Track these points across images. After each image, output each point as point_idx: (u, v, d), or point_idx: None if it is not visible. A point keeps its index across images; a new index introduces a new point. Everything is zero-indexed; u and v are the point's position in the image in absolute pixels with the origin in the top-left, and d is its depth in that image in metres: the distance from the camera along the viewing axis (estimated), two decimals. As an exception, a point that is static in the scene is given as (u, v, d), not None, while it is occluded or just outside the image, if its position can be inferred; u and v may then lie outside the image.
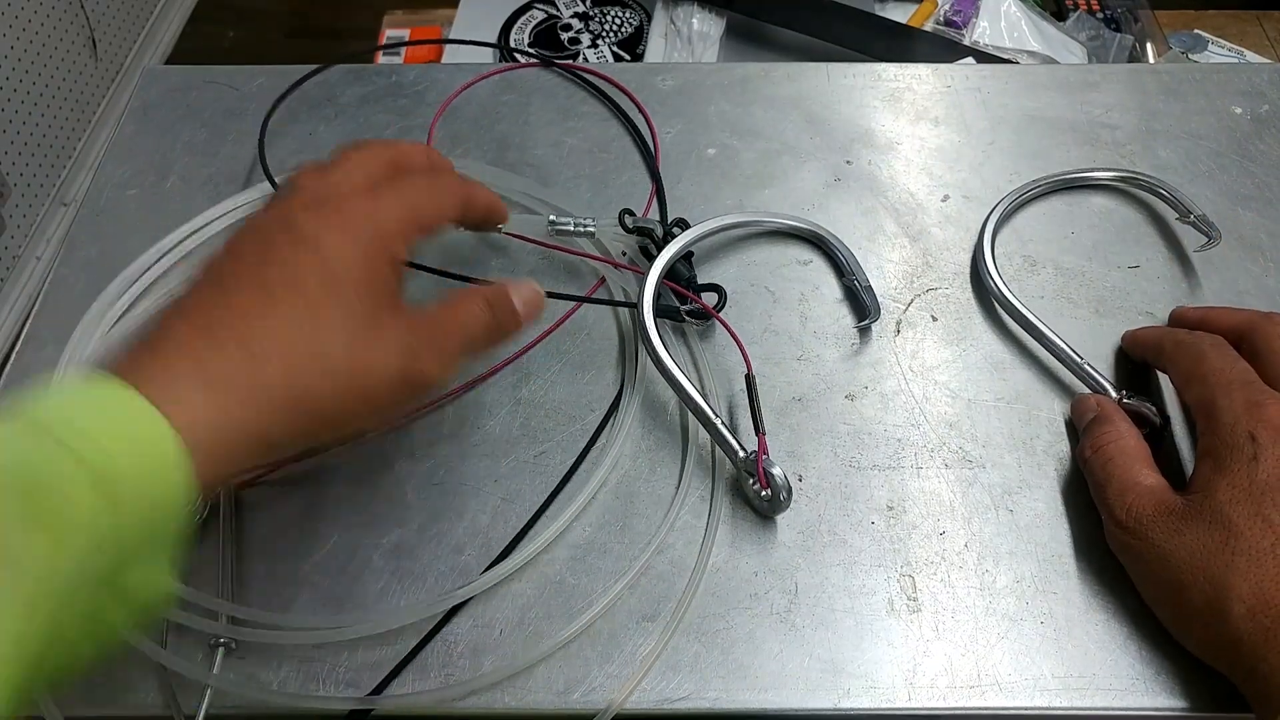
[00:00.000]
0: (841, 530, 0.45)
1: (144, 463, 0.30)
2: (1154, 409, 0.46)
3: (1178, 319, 0.51)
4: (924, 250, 0.56)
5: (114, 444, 0.29)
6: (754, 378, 0.47)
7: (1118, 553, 0.43)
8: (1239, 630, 0.36)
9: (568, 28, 1.17)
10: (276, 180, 0.56)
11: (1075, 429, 0.47)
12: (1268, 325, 0.44)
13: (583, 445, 0.48)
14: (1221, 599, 0.37)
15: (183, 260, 0.55)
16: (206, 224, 0.55)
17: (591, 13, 1.18)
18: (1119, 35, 1.10)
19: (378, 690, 0.41)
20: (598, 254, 0.54)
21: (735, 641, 0.42)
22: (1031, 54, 1.06)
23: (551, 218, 0.53)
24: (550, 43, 1.15)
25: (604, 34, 1.16)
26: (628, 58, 1.13)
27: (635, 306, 0.49)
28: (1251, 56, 1.16)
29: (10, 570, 0.27)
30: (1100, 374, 0.48)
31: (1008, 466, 0.47)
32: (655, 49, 1.09)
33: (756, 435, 0.45)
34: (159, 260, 0.54)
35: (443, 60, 1.07)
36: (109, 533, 0.29)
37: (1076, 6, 1.15)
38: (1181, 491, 0.41)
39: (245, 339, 0.33)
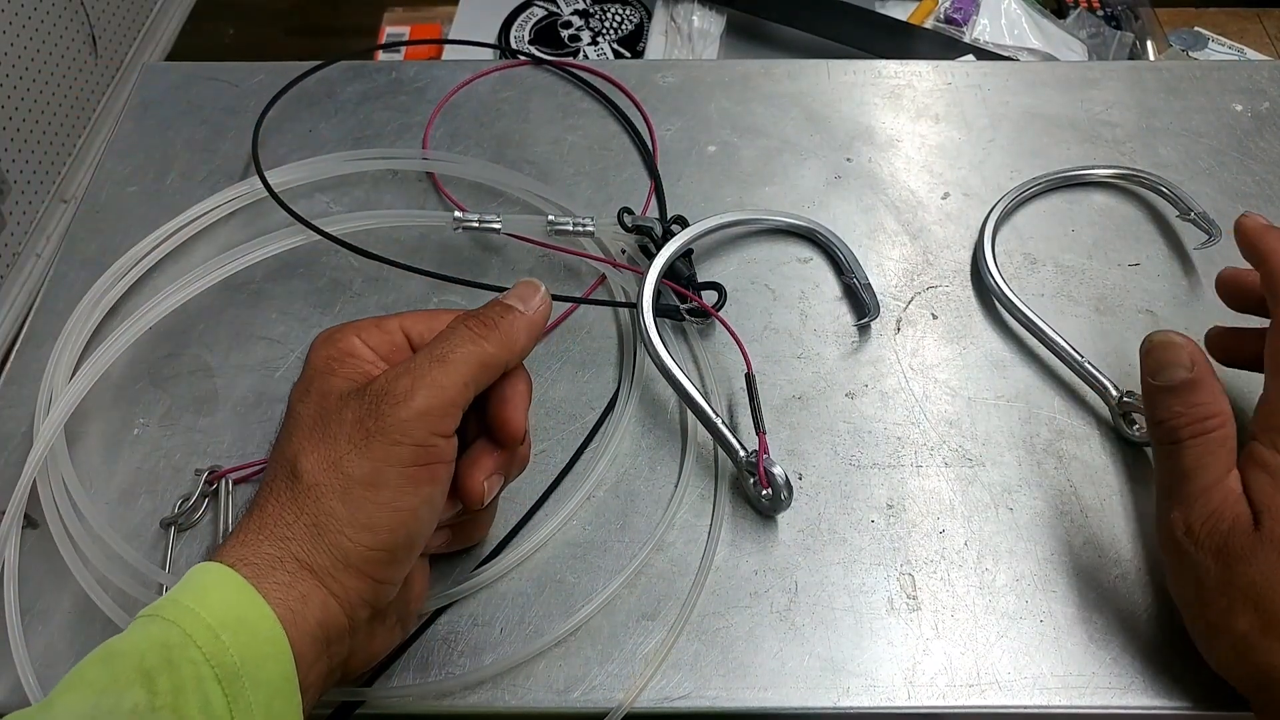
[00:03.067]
0: (841, 529, 0.45)
1: None
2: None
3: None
4: (924, 248, 0.56)
5: None
6: (754, 376, 0.47)
7: (1171, 554, 0.39)
8: (1278, 664, 0.35)
9: (568, 25, 1.17)
10: (269, 177, 0.56)
11: (1152, 376, 0.40)
12: None
13: (583, 443, 0.48)
14: (1268, 632, 0.36)
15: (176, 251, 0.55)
16: (200, 215, 0.55)
17: (592, 10, 1.18)
18: (1119, 33, 1.10)
19: (367, 683, 0.41)
20: (597, 254, 0.54)
21: (735, 640, 0.42)
22: (1032, 51, 1.06)
23: (550, 217, 0.53)
24: (551, 40, 1.15)
25: (604, 31, 1.15)
26: (628, 55, 1.13)
27: (634, 306, 0.49)
28: (1251, 54, 1.15)
29: None
30: (1100, 373, 0.48)
31: (1008, 465, 0.47)
32: (655, 46, 1.09)
33: (757, 434, 0.45)
34: (152, 250, 0.53)
35: (443, 58, 1.07)
36: None
37: (1077, 4, 1.15)
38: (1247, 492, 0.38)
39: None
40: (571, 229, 0.53)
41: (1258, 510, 0.37)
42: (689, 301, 0.51)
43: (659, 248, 0.51)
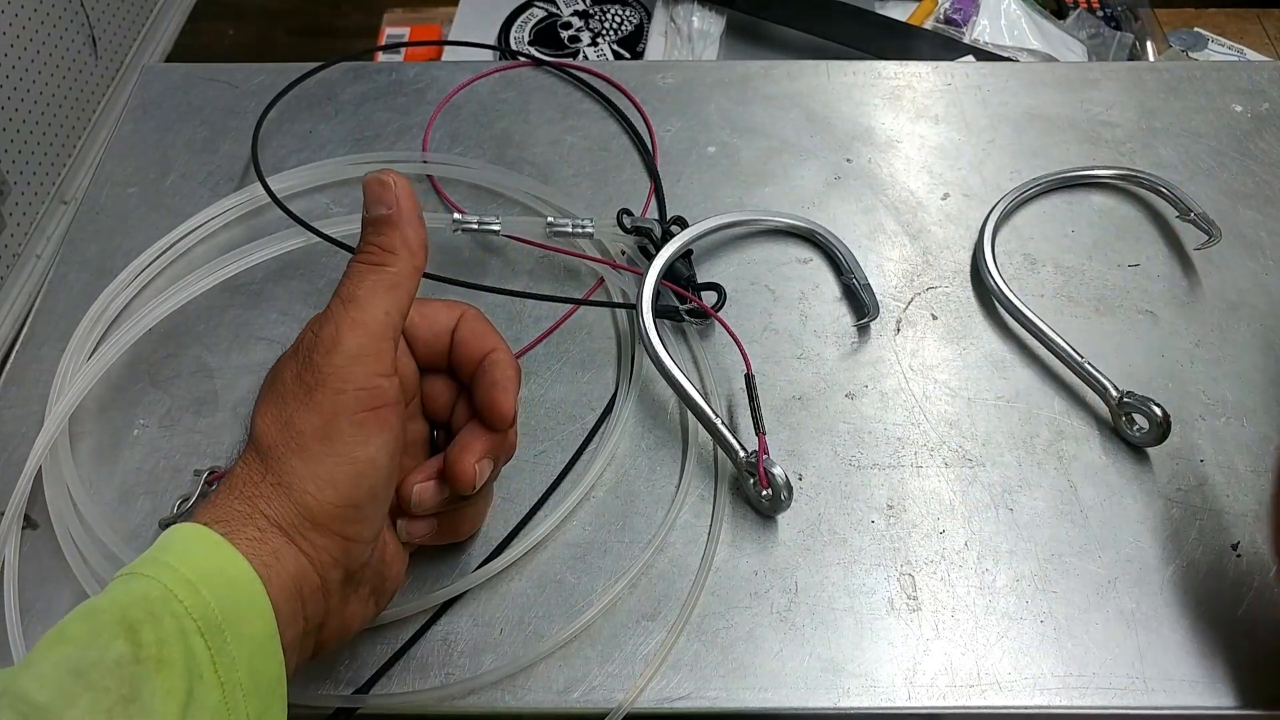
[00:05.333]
0: (842, 529, 0.45)
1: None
2: (1159, 409, 0.46)
3: None
4: (924, 248, 0.56)
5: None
6: (754, 377, 0.47)
7: None
8: None
9: (568, 25, 1.17)
10: (269, 181, 0.56)
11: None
12: None
13: (582, 443, 0.48)
14: None
15: (181, 258, 0.55)
16: (204, 223, 0.55)
17: (591, 11, 1.18)
18: (1119, 33, 1.10)
19: (365, 688, 0.41)
20: (596, 255, 0.54)
21: (735, 640, 0.42)
22: (1031, 52, 1.06)
23: (549, 219, 0.53)
24: (550, 40, 1.15)
25: (604, 32, 1.16)
26: (628, 56, 1.13)
27: (634, 308, 0.49)
28: (1251, 54, 1.15)
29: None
30: (1100, 373, 0.48)
31: (1008, 465, 0.47)
32: (655, 47, 1.09)
33: (757, 435, 0.45)
34: (157, 259, 0.54)
35: (443, 59, 1.07)
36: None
37: (1077, 4, 1.15)
38: None
39: None
40: (571, 230, 0.53)
41: None
42: (688, 302, 0.51)
43: (658, 249, 0.51)
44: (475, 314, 0.42)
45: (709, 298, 0.52)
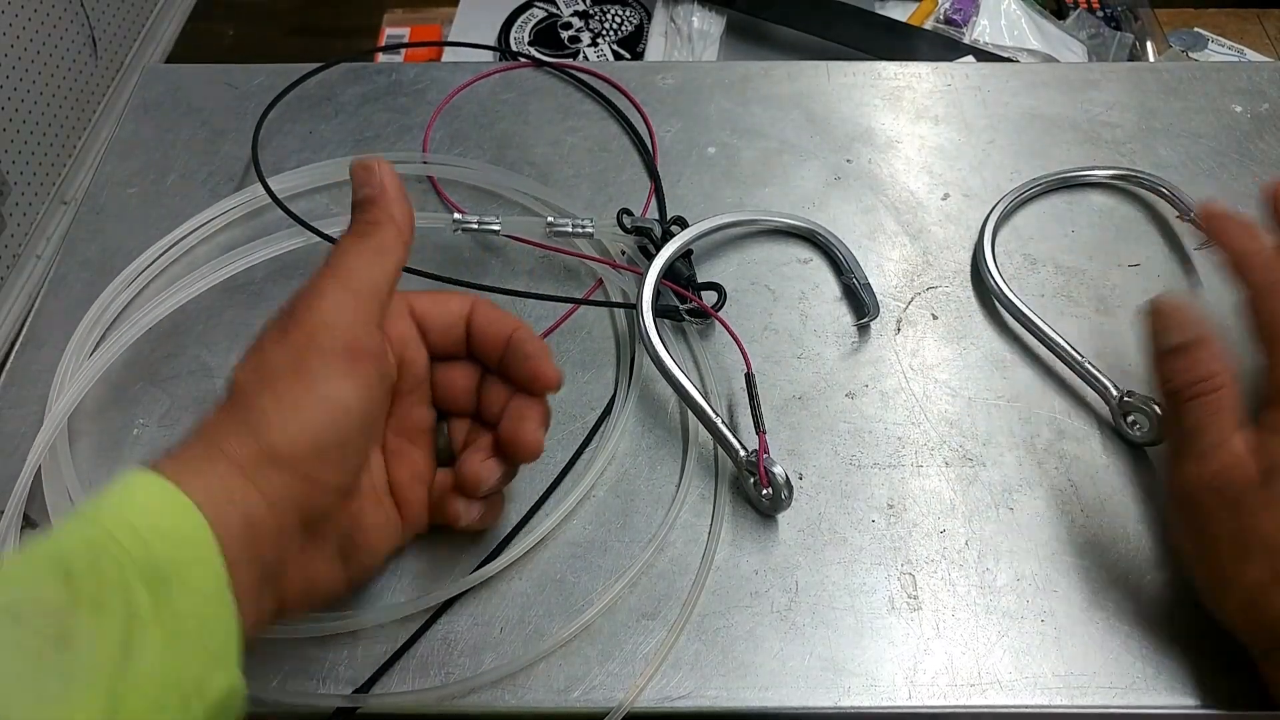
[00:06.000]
0: (842, 528, 0.45)
1: None
2: (1159, 409, 0.46)
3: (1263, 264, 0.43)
4: (924, 249, 0.56)
5: None
6: (754, 376, 0.47)
7: (1183, 505, 0.41)
8: None
9: (568, 26, 1.17)
10: (269, 182, 0.56)
11: (1154, 340, 0.42)
12: None
13: (582, 442, 0.48)
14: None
15: (183, 258, 0.55)
16: (205, 223, 0.55)
17: (592, 11, 1.18)
18: (1119, 33, 1.10)
19: (364, 688, 0.41)
20: (596, 255, 0.54)
21: (735, 639, 0.42)
22: (1031, 52, 1.06)
23: (549, 219, 0.53)
24: (550, 41, 1.15)
25: (604, 32, 1.16)
26: (628, 56, 1.13)
27: (634, 308, 0.49)
28: (1252, 55, 1.16)
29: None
30: (1101, 373, 0.48)
31: (1008, 465, 0.47)
32: (655, 47, 1.09)
33: (757, 434, 0.45)
34: (157, 259, 0.54)
35: (443, 59, 1.07)
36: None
37: (1076, 5, 1.15)
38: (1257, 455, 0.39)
39: None
40: (570, 230, 0.53)
41: (1271, 467, 0.38)
42: (688, 302, 0.51)
43: (658, 249, 0.51)
44: (488, 302, 0.43)
45: (709, 297, 0.52)
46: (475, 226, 0.52)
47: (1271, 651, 0.38)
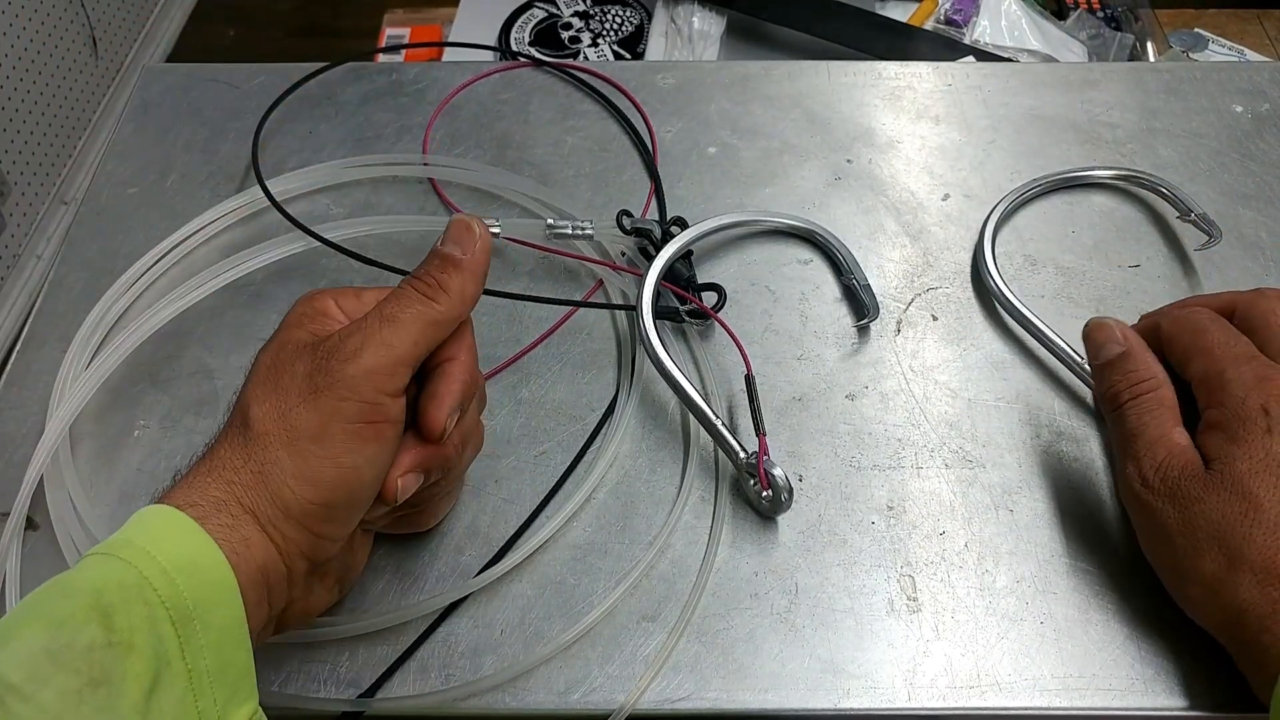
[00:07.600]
0: (842, 530, 0.45)
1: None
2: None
3: (1164, 312, 0.48)
4: (924, 249, 0.56)
5: None
6: (754, 378, 0.47)
7: (1132, 507, 0.42)
8: (1246, 601, 0.37)
9: (568, 26, 1.17)
10: (268, 183, 0.56)
11: (1093, 355, 0.45)
12: (1263, 301, 0.44)
13: (583, 445, 0.48)
14: (1234, 569, 0.37)
15: (183, 260, 0.55)
16: (204, 226, 0.55)
17: (592, 11, 1.18)
18: (1119, 34, 1.10)
19: (370, 692, 0.41)
20: (596, 256, 0.54)
21: (735, 641, 0.42)
22: (1032, 52, 1.06)
23: (549, 221, 0.53)
24: (551, 41, 1.15)
25: (604, 33, 1.16)
26: (628, 56, 1.13)
27: (634, 309, 0.49)
28: (1252, 55, 1.16)
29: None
30: (1100, 374, 0.48)
31: (1008, 466, 0.47)
32: (656, 47, 1.09)
33: (757, 436, 0.45)
34: (157, 263, 0.54)
35: (443, 60, 1.07)
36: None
37: (1077, 5, 1.15)
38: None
39: None
40: (570, 232, 0.53)
41: (1210, 459, 0.40)
42: (688, 303, 0.51)
43: (658, 250, 0.51)
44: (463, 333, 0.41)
45: (709, 299, 0.52)
46: (475, 228, 0.52)
47: (1234, 637, 0.38)
